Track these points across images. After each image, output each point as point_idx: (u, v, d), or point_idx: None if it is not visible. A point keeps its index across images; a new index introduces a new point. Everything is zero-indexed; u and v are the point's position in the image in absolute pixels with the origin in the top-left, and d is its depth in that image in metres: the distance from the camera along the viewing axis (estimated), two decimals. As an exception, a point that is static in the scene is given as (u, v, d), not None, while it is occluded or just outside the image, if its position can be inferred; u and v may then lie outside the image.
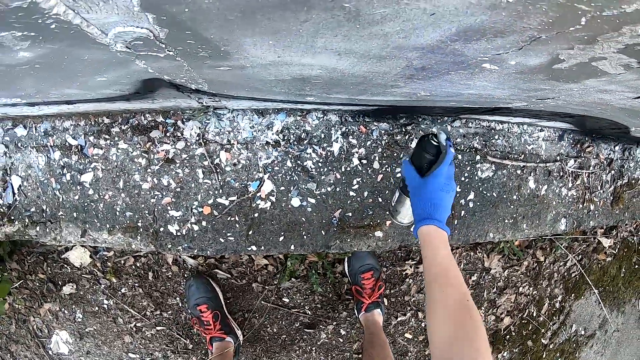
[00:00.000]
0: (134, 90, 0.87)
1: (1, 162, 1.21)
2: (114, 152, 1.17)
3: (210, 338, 1.54)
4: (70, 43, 0.55)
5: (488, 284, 1.81)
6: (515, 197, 1.43)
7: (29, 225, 1.24)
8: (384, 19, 0.47)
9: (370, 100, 0.99)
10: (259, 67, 0.68)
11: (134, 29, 0.49)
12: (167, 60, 0.63)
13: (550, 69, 0.68)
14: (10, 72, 0.68)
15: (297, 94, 0.92)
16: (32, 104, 1.01)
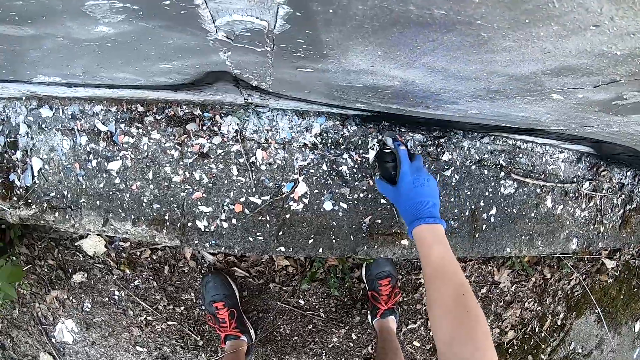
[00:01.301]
0: (190, 81, 0.85)
1: (22, 142, 1.17)
2: (146, 141, 1.16)
3: (225, 336, 1.54)
4: (169, 24, 0.53)
5: (496, 297, 1.84)
6: (533, 215, 1.45)
7: (47, 210, 1.21)
8: (503, 49, 0.48)
9: (415, 112, 1.01)
10: (341, 72, 0.69)
11: (253, 19, 0.48)
12: (256, 55, 0.63)
13: (610, 104, 0.70)
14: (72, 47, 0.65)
15: (353, 100, 0.92)
16: (70, 85, 0.98)
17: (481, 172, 1.31)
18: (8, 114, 1.17)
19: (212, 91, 0.93)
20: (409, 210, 0.93)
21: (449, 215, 1.27)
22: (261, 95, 0.95)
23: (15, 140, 1.17)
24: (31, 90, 1.08)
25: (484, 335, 0.73)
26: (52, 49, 0.67)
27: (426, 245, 0.88)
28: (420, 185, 0.94)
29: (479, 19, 0.42)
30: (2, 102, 1.17)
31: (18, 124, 1.16)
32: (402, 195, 0.95)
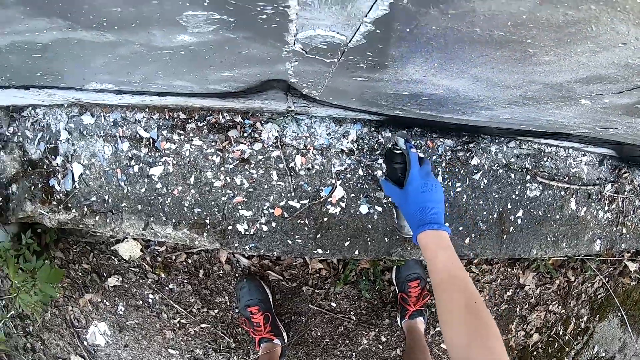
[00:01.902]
0: (243, 89, 0.89)
1: (62, 148, 1.20)
2: (187, 147, 1.20)
3: (260, 339, 1.58)
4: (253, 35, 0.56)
5: (521, 300, 1.86)
6: (558, 217, 1.48)
7: (87, 214, 1.24)
8: (545, 62, 0.54)
9: (449, 119, 1.05)
10: (393, 82, 0.74)
11: (334, 34, 0.52)
12: (321, 66, 0.67)
13: (632, 107, 0.75)
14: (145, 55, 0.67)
15: (394, 107, 0.97)
16: (120, 92, 1.01)
17: (508, 175, 1.35)
18: (48, 121, 1.21)
19: (259, 99, 0.99)
20: (415, 215, 0.92)
21: (478, 217, 1.31)
22: (305, 103, 1.00)
23: (56, 146, 1.21)
24: (76, 98, 1.11)
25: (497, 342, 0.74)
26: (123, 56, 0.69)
27: (433, 252, 0.87)
28: (428, 190, 0.94)
29: (530, 39, 0.48)
30: (42, 109, 1.21)
31: (59, 131, 1.20)
32: (409, 199, 0.94)
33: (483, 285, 1.78)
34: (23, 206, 1.26)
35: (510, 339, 1.92)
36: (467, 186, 1.28)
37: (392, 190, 0.99)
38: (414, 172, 0.95)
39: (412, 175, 0.95)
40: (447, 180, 1.25)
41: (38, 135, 1.21)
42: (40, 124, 1.21)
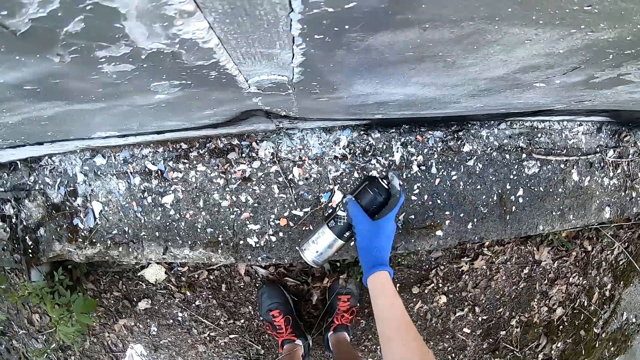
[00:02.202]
0: (228, 119, 0.99)
1: (81, 190, 1.31)
2: (193, 174, 1.29)
3: (282, 341, 1.64)
4: (213, 87, 0.65)
5: (539, 276, 1.87)
6: (561, 190, 1.50)
7: (111, 247, 1.34)
8: (470, 65, 0.59)
9: (429, 113, 1.10)
10: (353, 97, 0.80)
11: (276, 77, 0.61)
12: (282, 97, 0.75)
13: (587, 82, 0.79)
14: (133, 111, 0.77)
15: (369, 113, 1.03)
16: (123, 136, 1.11)
17: (503, 157, 1.38)
18: (65, 167, 1.31)
19: (247, 124, 1.06)
20: (378, 253, 0.89)
21: (477, 202, 1.35)
22: (290, 121, 1.07)
23: (75, 188, 1.32)
24: (86, 144, 1.21)
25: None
26: (116, 114, 0.80)
27: (390, 295, 0.84)
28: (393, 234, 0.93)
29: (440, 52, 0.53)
30: (57, 156, 1.32)
31: (75, 174, 1.31)
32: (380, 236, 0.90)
33: (498, 267, 1.80)
34: (52, 246, 1.37)
35: (534, 316, 1.93)
36: (462, 173, 1.32)
37: (361, 218, 0.92)
38: (394, 212, 0.93)
39: (393, 216, 0.92)
40: (442, 170, 1.29)
41: (57, 180, 1.31)
42: (57, 170, 1.31)
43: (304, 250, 1.05)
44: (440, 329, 1.84)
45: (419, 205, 1.29)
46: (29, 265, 1.44)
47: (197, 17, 0.37)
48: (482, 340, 1.91)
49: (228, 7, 0.36)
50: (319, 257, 1.04)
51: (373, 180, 0.97)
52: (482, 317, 1.87)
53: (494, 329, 1.90)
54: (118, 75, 0.52)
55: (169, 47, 0.44)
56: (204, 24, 0.39)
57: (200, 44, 0.43)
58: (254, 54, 0.51)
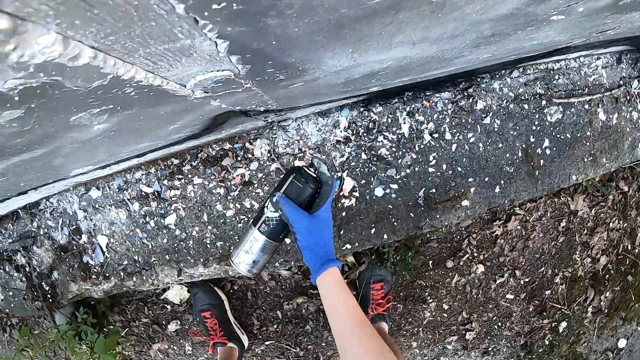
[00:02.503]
0: (204, 128, 0.89)
1: (83, 227, 1.26)
2: (191, 189, 1.21)
3: (213, 344, 1.56)
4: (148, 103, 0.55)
5: (578, 227, 1.75)
6: (589, 133, 1.37)
7: (125, 278, 1.30)
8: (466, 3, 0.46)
9: (432, 75, 0.98)
10: (331, 75, 0.69)
11: (215, 73, 0.50)
12: (243, 93, 0.64)
13: (617, 5, 0.66)
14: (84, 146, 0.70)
15: (362, 88, 0.91)
16: (104, 167, 1.05)
17: (521, 108, 1.25)
18: (63, 206, 1.26)
19: (230, 126, 0.96)
20: (324, 250, 0.82)
21: (501, 162, 1.23)
22: (276, 114, 0.96)
23: (77, 226, 1.27)
24: (74, 181, 1.16)
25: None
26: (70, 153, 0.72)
27: (343, 293, 0.79)
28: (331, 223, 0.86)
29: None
30: (54, 197, 1.27)
31: (75, 212, 1.26)
32: (321, 231, 0.83)
33: (533, 225, 1.68)
34: (69, 288, 1.33)
35: (577, 269, 1.81)
36: (480, 134, 1.19)
37: (298, 215, 0.84)
38: (330, 201, 0.86)
39: (329, 204, 0.85)
40: (457, 134, 1.17)
41: (59, 221, 1.26)
42: (57, 211, 1.26)
43: (238, 263, 0.95)
44: (482, 299, 1.74)
45: (438, 177, 1.17)
46: (50, 310, 1.42)
47: (31, 31, 0.27)
48: (528, 304, 1.80)
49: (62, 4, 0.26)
50: (254, 267, 0.95)
51: (299, 171, 0.89)
52: (524, 280, 1.76)
53: (538, 290, 1.79)
54: (15, 124, 0.43)
55: (34, 80, 0.34)
56: (50, 37, 0.29)
57: (70, 63, 0.33)
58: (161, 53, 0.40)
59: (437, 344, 1.79)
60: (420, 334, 1.75)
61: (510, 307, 1.77)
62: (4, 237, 1.33)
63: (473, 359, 1.85)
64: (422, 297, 1.69)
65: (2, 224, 1.33)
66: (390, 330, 1.67)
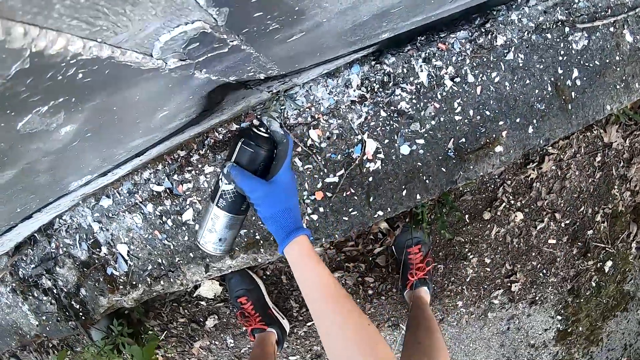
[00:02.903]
0: (201, 110, 0.80)
1: (101, 238, 1.23)
2: (203, 179, 1.14)
3: (252, 330, 1.53)
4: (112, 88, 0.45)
5: (614, 160, 1.65)
6: (619, 58, 1.26)
7: (152, 283, 1.26)
8: None
9: (446, 11, 0.88)
10: (336, 18, 0.59)
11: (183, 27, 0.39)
12: (232, 55, 0.54)
13: None
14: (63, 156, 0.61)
15: (373, 35, 0.82)
16: (104, 174, 0.99)
17: (544, 38, 1.15)
18: (78, 221, 1.23)
19: (232, 104, 0.87)
20: (284, 217, 0.77)
21: (531, 99, 1.13)
22: (280, 81, 0.87)
23: (95, 239, 1.24)
24: (80, 194, 1.09)
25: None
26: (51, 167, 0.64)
27: (312, 262, 0.74)
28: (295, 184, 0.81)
29: None
30: (66, 214, 1.23)
31: (90, 225, 1.22)
32: (281, 197, 0.77)
33: (568, 163, 1.58)
34: (99, 302, 1.31)
35: (618, 204, 1.72)
36: (504, 72, 1.10)
37: (253, 184, 0.78)
38: (289, 162, 0.80)
39: (286, 166, 0.79)
40: (480, 75, 1.08)
41: (76, 237, 1.23)
42: (72, 227, 1.23)
43: (204, 244, 0.90)
44: (524, 248, 1.66)
45: (466, 125, 1.09)
46: (85, 328, 1.41)
47: None
48: (571, 247, 1.72)
49: None
50: (222, 245, 0.90)
51: (247, 134, 0.82)
52: (565, 222, 1.67)
53: (580, 231, 1.71)
54: None
55: None
56: None
57: None
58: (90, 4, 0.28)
59: (482, 300, 1.73)
60: (465, 292, 1.69)
61: (553, 252, 1.70)
62: (27, 264, 1.31)
63: (521, 311, 1.79)
64: (462, 254, 1.63)
65: (22, 250, 1.31)
66: (433, 292, 1.61)
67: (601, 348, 1.98)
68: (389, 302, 1.71)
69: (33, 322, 1.39)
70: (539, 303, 1.79)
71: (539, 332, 1.87)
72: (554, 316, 1.84)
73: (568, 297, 1.82)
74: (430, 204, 1.49)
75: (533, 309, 1.80)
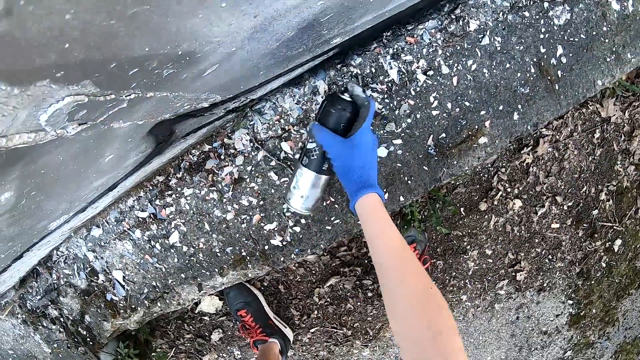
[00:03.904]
0: (154, 144, 0.76)
1: (97, 266, 1.25)
2: (184, 201, 1.13)
3: (254, 342, 1.52)
4: (25, 162, 0.42)
5: (614, 135, 1.57)
6: (606, 29, 1.19)
7: (150, 305, 1.28)
8: None
9: (403, 5, 0.82)
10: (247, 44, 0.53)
11: (55, 105, 0.35)
12: (141, 104, 0.49)
13: None
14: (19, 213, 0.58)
15: (319, 43, 0.76)
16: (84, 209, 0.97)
17: (522, 16, 1.08)
18: (74, 252, 1.24)
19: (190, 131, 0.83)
20: (358, 173, 0.78)
21: (514, 84, 1.07)
22: (233, 101, 0.82)
23: (92, 267, 1.27)
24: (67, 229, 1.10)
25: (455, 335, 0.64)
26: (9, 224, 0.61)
27: (382, 220, 0.74)
28: (375, 148, 0.82)
29: None
30: (62, 245, 1.26)
31: (85, 255, 1.24)
32: (356, 152, 0.78)
33: (565, 143, 1.51)
34: (103, 327, 1.34)
35: (622, 180, 1.64)
36: (481, 58, 1.04)
37: (331, 139, 0.81)
38: (369, 123, 0.80)
39: (367, 126, 0.80)
40: (455, 65, 1.02)
41: (74, 267, 1.26)
42: (70, 257, 1.26)
43: (289, 199, 0.93)
44: (526, 235, 1.60)
45: (445, 119, 1.03)
46: (94, 352, 1.45)
47: None
48: (576, 229, 1.65)
49: None
50: (307, 202, 0.92)
51: (333, 97, 0.85)
52: (567, 205, 1.60)
53: (585, 212, 1.64)
54: None
55: None
56: None
57: None
58: None
59: (488, 292, 1.68)
60: (468, 285, 1.64)
61: (557, 236, 1.63)
62: (32, 296, 1.35)
63: (529, 299, 1.74)
64: (461, 247, 1.58)
65: (27, 283, 1.35)
66: None
67: (617, 328, 1.92)
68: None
69: (46, 351, 1.45)
70: (547, 289, 1.73)
71: (551, 319, 1.81)
72: (565, 301, 1.79)
73: (578, 281, 1.76)
74: (421, 202, 1.44)
75: (542, 296, 1.74)
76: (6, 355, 1.47)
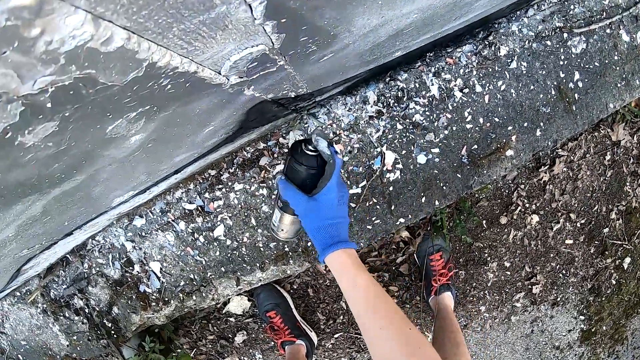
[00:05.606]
0: (238, 127, 0.87)
1: (134, 257, 1.28)
2: (234, 196, 1.20)
3: (281, 342, 1.56)
4: (185, 100, 0.51)
5: (623, 158, 1.69)
6: (617, 57, 1.33)
7: (185, 298, 1.31)
8: None
9: (451, 28, 0.96)
10: (359, 40, 0.67)
11: (250, 49, 0.46)
12: (277, 74, 0.62)
13: None
14: (123, 167, 0.66)
15: (388, 53, 0.90)
16: (144, 190, 1.04)
17: (544, 45, 1.22)
18: (111, 241, 1.28)
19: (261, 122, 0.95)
20: (324, 231, 0.78)
21: (537, 104, 1.20)
22: (307, 100, 0.95)
23: (128, 258, 1.29)
24: (116, 213, 1.16)
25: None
26: (109, 177, 0.70)
27: (352, 273, 0.75)
28: (343, 203, 0.81)
29: None
30: (99, 234, 1.29)
31: (123, 244, 1.27)
32: (321, 212, 0.78)
33: (579, 164, 1.63)
34: (131, 320, 1.36)
35: (631, 201, 1.75)
36: (509, 80, 1.17)
37: (296, 197, 0.80)
38: (334, 181, 0.79)
39: (331, 185, 0.79)
40: (487, 84, 1.15)
41: (109, 257, 1.28)
42: (105, 247, 1.28)
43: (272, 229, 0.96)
44: (542, 250, 1.70)
45: (477, 132, 1.15)
46: (117, 346, 1.45)
47: (57, 10, 0.23)
48: (588, 246, 1.75)
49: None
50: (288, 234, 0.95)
51: (296, 151, 0.83)
52: (580, 222, 1.71)
53: (596, 229, 1.74)
54: (51, 142, 0.40)
55: (66, 76, 0.30)
56: (78, 16, 0.25)
57: (102, 48, 0.29)
58: (195, 29, 0.36)
59: (505, 304, 1.76)
60: (487, 296, 1.72)
61: (571, 252, 1.73)
62: (58, 285, 1.35)
63: (543, 313, 1.81)
64: (482, 259, 1.67)
65: (54, 272, 1.35)
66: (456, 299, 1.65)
67: (626, 347, 1.98)
68: (413, 311, 1.74)
69: (63, 342, 1.44)
70: (560, 304, 1.81)
71: (563, 334, 1.88)
72: (577, 316, 1.86)
73: (589, 297, 1.84)
74: (448, 212, 1.54)
75: (555, 310, 1.82)
76: (18, 346, 1.45)
